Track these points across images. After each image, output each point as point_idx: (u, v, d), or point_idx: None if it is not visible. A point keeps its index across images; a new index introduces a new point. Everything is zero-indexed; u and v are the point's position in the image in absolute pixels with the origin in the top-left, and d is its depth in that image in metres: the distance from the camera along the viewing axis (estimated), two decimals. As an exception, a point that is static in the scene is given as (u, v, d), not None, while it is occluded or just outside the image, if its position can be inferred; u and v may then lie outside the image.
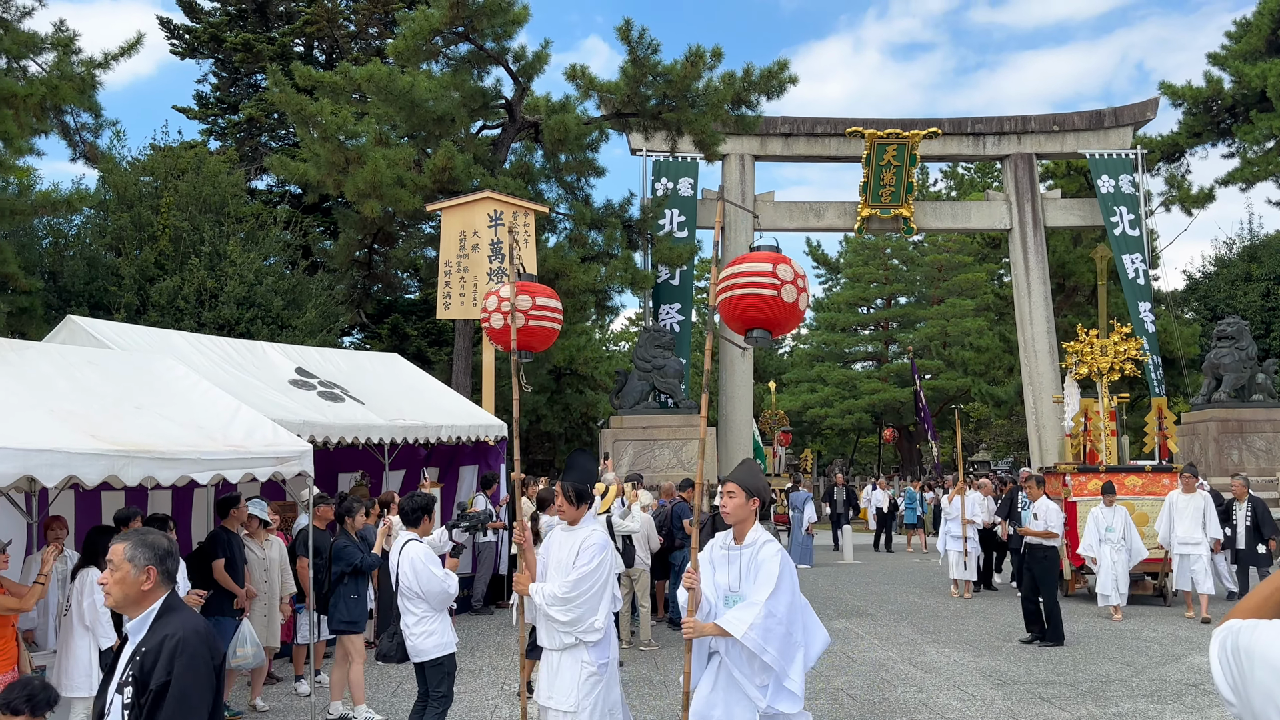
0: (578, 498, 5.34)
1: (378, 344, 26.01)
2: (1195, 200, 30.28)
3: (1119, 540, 12.66)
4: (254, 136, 29.74)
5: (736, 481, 4.85)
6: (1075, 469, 14.48)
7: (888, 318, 45.63)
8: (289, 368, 11.45)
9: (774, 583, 4.61)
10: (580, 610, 5.12)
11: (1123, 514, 12.79)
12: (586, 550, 5.21)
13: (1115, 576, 12.52)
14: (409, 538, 6.38)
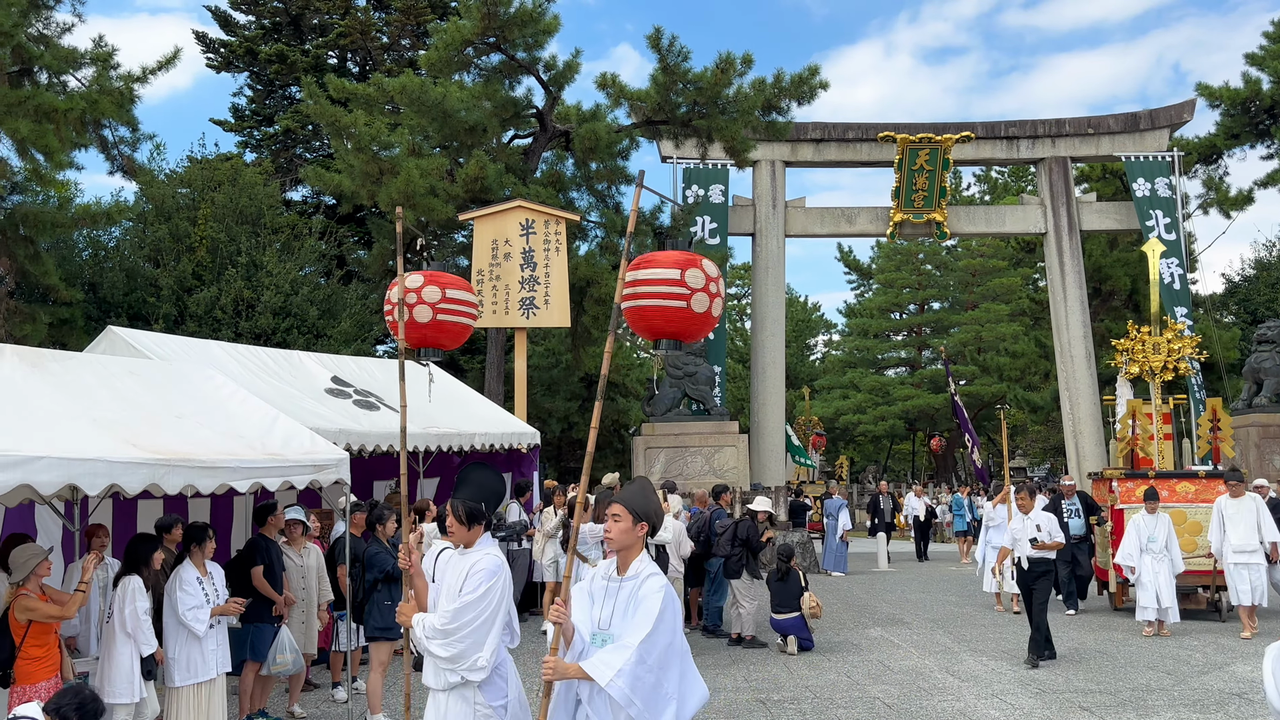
0: (469, 518, 4.71)
1: (411, 353, 26.18)
2: (1233, 202, 29.84)
3: (1161, 550, 11.94)
4: (289, 148, 30.10)
5: (623, 504, 4.29)
6: (1122, 474, 13.85)
7: (921, 323, 45.33)
8: (325, 377, 11.55)
9: (651, 623, 4.02)
10: (463, 645, 4.50)
11: (1166, 522, 12.10)
12: (474, 576, 4.60)
13: (1157, 589, 11.78)
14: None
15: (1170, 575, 11.83)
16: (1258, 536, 11.72)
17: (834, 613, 14.17)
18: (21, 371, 6.90)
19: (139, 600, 6.77)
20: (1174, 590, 11.84)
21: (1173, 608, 11.83)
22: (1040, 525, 10.38)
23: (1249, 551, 11.67)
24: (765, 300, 26.44)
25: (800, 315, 52.26)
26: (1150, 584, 11.87)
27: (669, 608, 4.10)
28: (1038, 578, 10.36)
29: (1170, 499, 13.06)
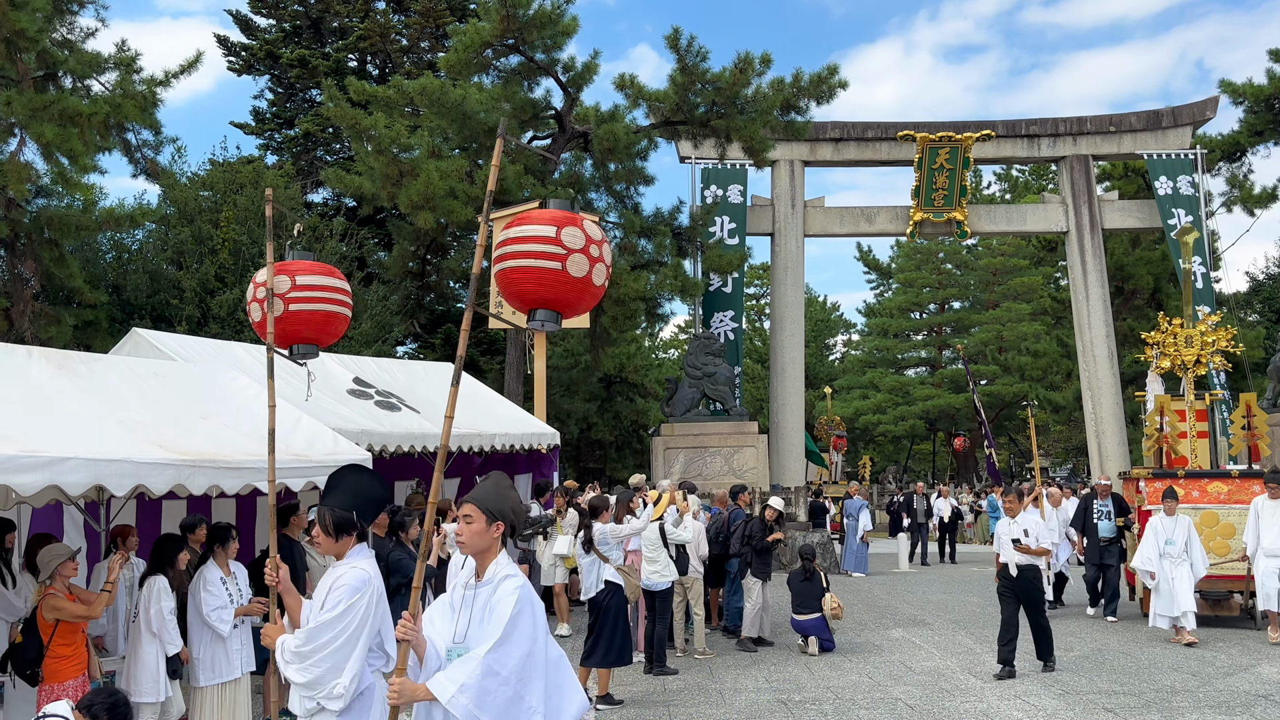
0: (337, 528, 4.20)
1: (431, 354, 26.31)
2: (1258, 200, 29.56)
3: (1180, 554, 11.44)
4: (310, 151, 30.29)
5: (475, 503, 3.84)
6: (1150, 474, 13.24)
7: (941, 323, 45.14)
8: (347, 378, 11.62)
9: (501, 630, 3.60)
10: (320, 669, 4.02)
11: (1185, 524, 11.61)
12: (335, 591, 4.10)
13: (1174, 595, 11.26)
14: None
15: (1189, 581, 11.35)
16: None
17: (855, 614, 14.13)
18: (48, 373, 6.97)
19: (164, 600, 6.83)
20: (1192, 595, 11.38)
21: (1189, 614, 11.30)
22: (1028, 529, 9.80)
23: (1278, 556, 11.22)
24: (784, 300, 26.39)
25: (819, 315, 52.13)
26: (1167, 590, 11.34)
27: (525, 612, 3.66)
28: (1026, 584, 9.79)
29: (1201, 499, 12.58)
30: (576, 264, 4.48)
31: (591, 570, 8.85)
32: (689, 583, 11.04)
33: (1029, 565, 9.75)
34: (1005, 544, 9.82)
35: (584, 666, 8.73)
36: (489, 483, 3.98)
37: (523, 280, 4.66)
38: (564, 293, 4.58)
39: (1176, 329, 14.47)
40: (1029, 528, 9.76)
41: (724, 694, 9.12)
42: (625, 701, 8.79)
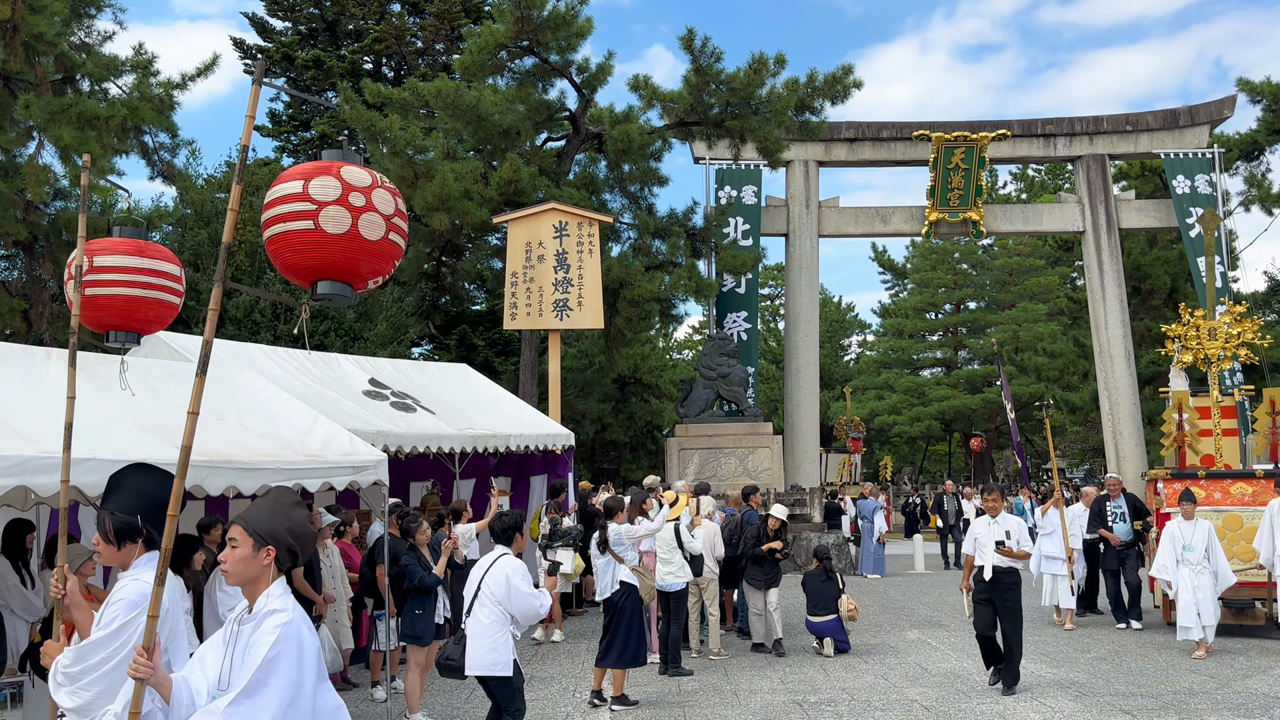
0: (119, 534, 3.77)
1: (446, 355, 26.37)
2: (1276, 200, 29.29)
3: (1199, 561, 10.74)
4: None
5: (242, 524, 3.29)
6: (1169, 474, 12.52)
7: (957, 323, 44.96)
8: (362, 379, 11.67)
9: (250, 677, 3.04)
10: (90, 693, 3.56)
11: (1205, 529, 10.87)
12: (112, 607, 3.68)
13: (1197, 604, 10.60)
14: (502, 552, 6.25)
15: (1212, 589, 10.68)
16: None
17: (871, 615, 14.09)
18: (67, 375, 7.02)
19: (180, 602, 6.86)
20: (1217, 606, 10.72)
21: (1212, 627, 10.68)
22: (1010, 531, 9.07)
23: None
24: (799, 301, 26.34)
25: (834, 316, 52.01)
26: (1190, 600, 10.64)
27: (286, 655, 3.08)
28: (1005, 590, 8.93)
29: (1224, 501, 11.93)
30: (332, 219, 3.67)
31: (606, 571, 8.86)
32: (704, 584, 11.03)
33: (1008, 570, 8.97)
34: (984, 546, 9.11)
35: (599, 667, 8.74)
36: (265, 500, 3.41)
37: (279, 250, 3.83)
38: (326, 255, 3.70)
39: (1199, 321, 13.50)
40: (1011, 529, 9.04)
41: (739, 695, 9.11)
42: (640, 702, 8.79)
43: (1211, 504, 11.94)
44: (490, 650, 6.03)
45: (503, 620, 6.07)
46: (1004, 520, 9.12)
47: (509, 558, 6.17)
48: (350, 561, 9.70)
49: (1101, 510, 13.22)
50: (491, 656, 6.04)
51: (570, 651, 11.51)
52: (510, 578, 6.04)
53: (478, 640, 6.04)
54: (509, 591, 6.00)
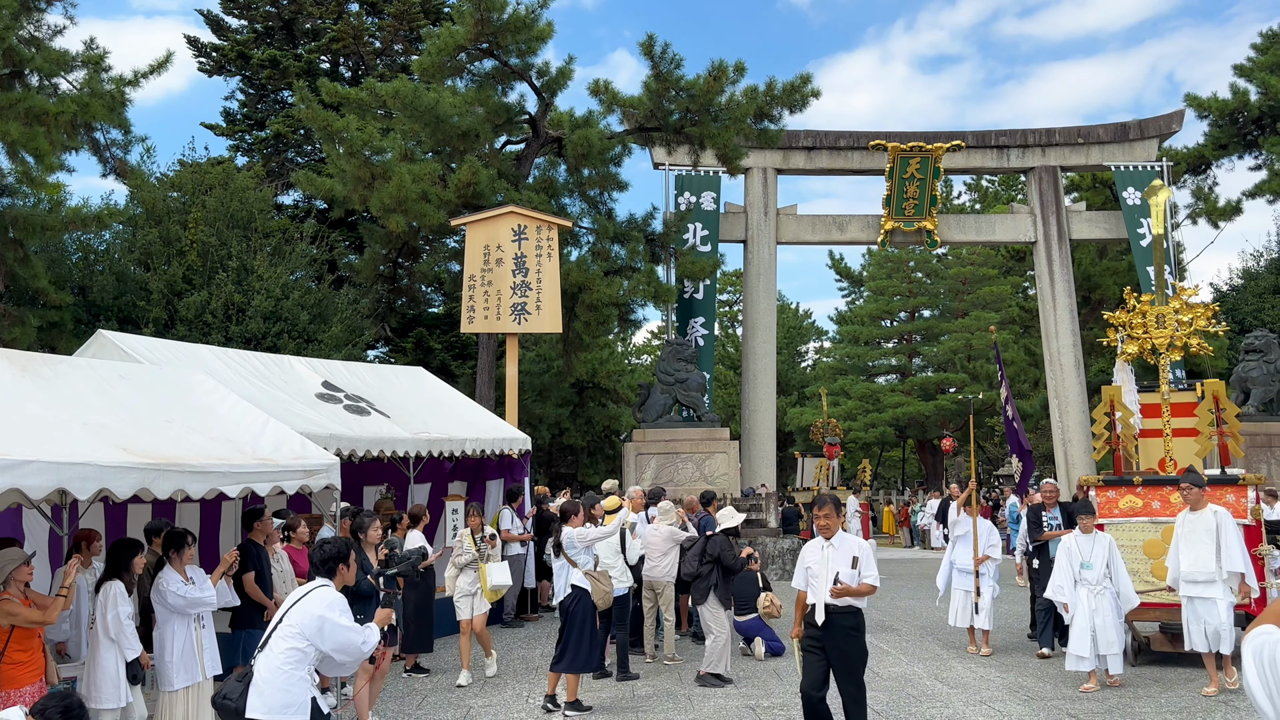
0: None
1: (402, 358, 26.18)
2: (1222, 213, 30.01)
3: (1099, 580, 9.35)
4: (281, 152, 30.08)
5: None
6: (1101, 481, 11.16)
7: (911, 331, 45.48)
8: (315, 381, 11.55)
9: None
10: None
11: (1105, 544, 9.50)
12: None
13: (1093, 630, 9.24)
14: (320, 584, 5.38)
15: (1114, 612, 9.32)
16: (1214, 562, 9.18)
17: (824, 619, 14.18)
18: (11, 375, 6.88)
19: (121, 605, 6.74)
20: (1120, 631, 9.41)
21: (1118, 655, 9.33)
22: (856, 558, 6.90)
23: (1203, 581, 9.21)
24: (757, 307, 26.49)
25: (792, 322, 52.36)
26: (1085, 625, 9.28)
27: None
28: (842, 638, 6.85)
29: (1163, 511, 10.66)
30: None
31: (561, 575, 8.85)
32: (660, 588, 11.04)
33: (847, 611, 6.84)
34: (817, 578, 6.94)
35: (553, 672, 8.71)
36: None
37: None
38: None
39: (1146, 307, 11.87)
40: (859, 554, 6.94)
41: (693, 700, 9.13)
42: (594, 708, 8.78)
43: (1149, 514, 10.76)
44: (282, 691, 5.08)
45: (301, 660, 5.15)
46: (842, 544, 7.00)
47: (326, 590, 5.29)
48: (299, 567, 9.59)
49: (1038, 520, 11.99)
50: (282, 699, 5.08)
51: (524, 657, 11.47)
52: (325, 613, 5.14)
53: (268, 681, 5.08)
54: (320, 628, 5.12)
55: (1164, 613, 10.42)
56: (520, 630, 13.35)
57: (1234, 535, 9.25)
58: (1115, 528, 10.64)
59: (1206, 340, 12.03)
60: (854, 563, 6.85)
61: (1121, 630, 9.46)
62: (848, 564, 6.85)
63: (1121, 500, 10.93)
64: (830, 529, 7.03)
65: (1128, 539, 10.64)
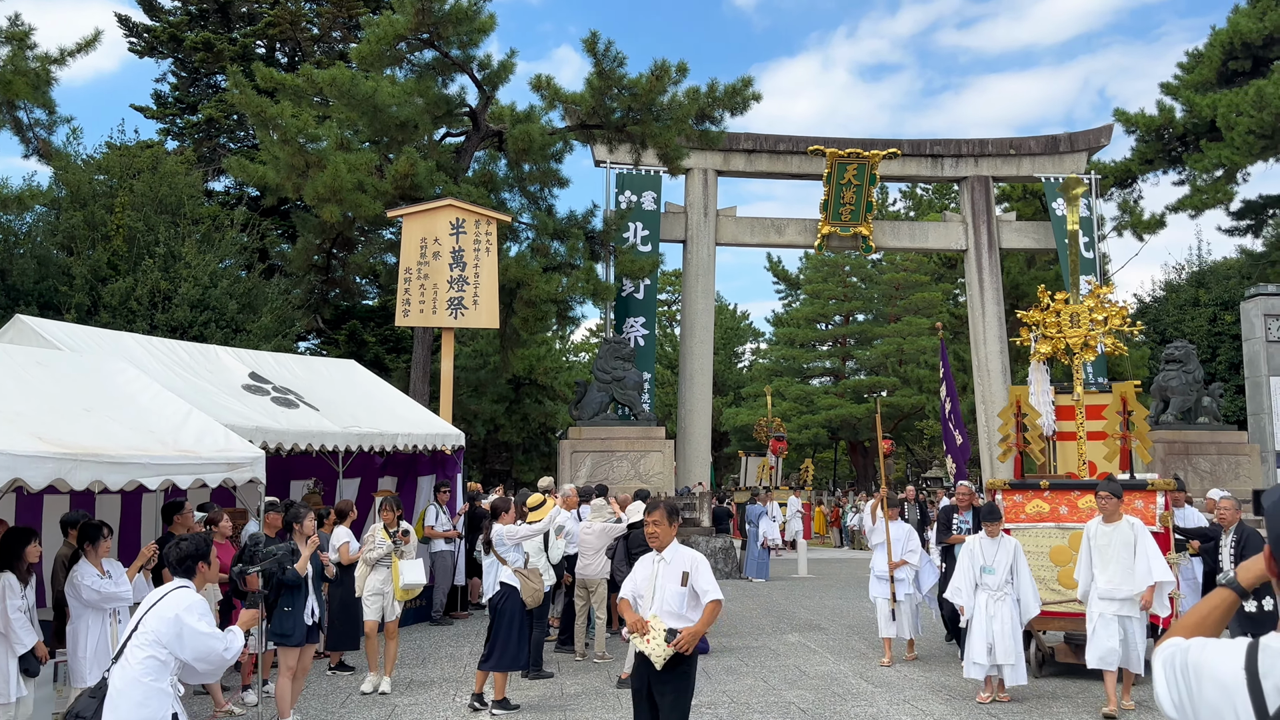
0: None
1: (334, 350, 25.77)
2: (1146, 226, 30.94)
3: (1001, 586, 8.82)
4: (212, 137, 29.40)
5: None
6: (1007, 485, 10.68)
7: (845, 334, 46.09)
8: (243, 372, 11.31)
9: None
10: None
11: (1010, 548, 8.96)
12: None
13: (990, 637, 8.71)
14: (178, 585, 4.95)
15: (1013, 620, 8.77)
16: (1133, 577, 8.46)
17: (753, 618, 14.31)
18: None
19: (9, 598, 6.50)
20: (1018, 640, 8.80)
21: (1018, 665, 8.73)
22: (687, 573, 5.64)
23: (1120, 598, 8.47)
24: (695, 307, 26.59)
25: (729, 323, 52.70)
26: (983, 631, 8.76)
27: None
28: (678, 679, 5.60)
29: (1070, 516, 10.16)
30: None
31: (491, 572, 8.79)
32: (593, 586, 11.02)
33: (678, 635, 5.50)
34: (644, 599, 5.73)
35: (480, 670, 8.64)
36: None
37: None
38: None
39: (1060, 305, 11.43)
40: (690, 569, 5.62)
41: (621, 698, 9.12)
42: (522, 706, 8.73)
43: (1056, 519, 10.27)
44: (140, 706, 4.64)
45: (161, 670, 4.73)
46: (675, 558, 5.72)
47: (185, 592, 4.88)
48: (220, 562, 9.37)
49: (948, 522, 11.72)
50: (139, 714, 4.64)
51: (452, 655, 11.36)
52: (182, 616, 4.72)
53: (124, 694, 4.64)
54: (179, 633, 4.70)
55: (1070, 622, 9.94)
56: (449, 628, 13.23)
57: (1154, 546, 8.62)
58: (1022, 533, 10.17)
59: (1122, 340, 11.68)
60: (683, 579, 5.64)
61: (1020, 641, 8.82)
62: (677, 581, 5.63)
63: (1028, 504, 10.45)
64: (660, 539, 5.76)
65: (1034, 545, 10.21)
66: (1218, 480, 22.38)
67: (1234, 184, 30.60)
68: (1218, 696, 1.88)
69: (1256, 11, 29.96)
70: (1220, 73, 30.63)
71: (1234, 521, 9.08)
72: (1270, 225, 32.23)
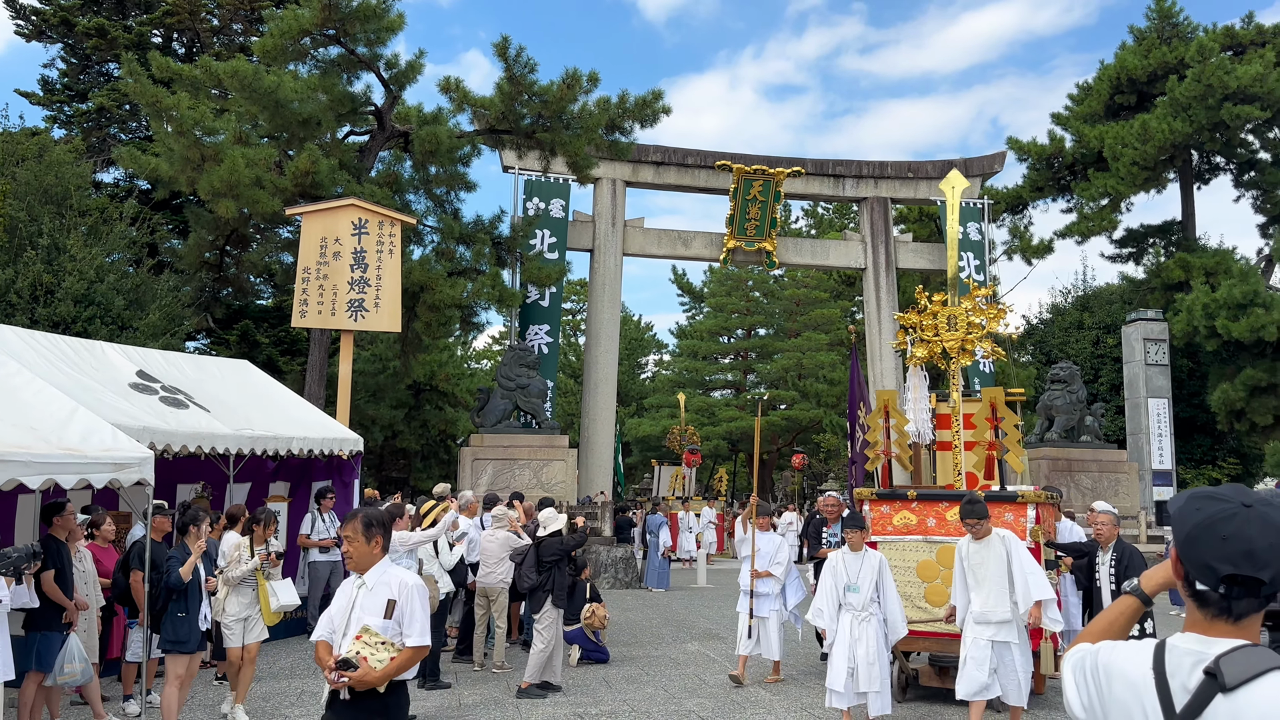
0: None
1: (225, 350, 24.94)
2: (1035, 250, 32.15)
3: (866, 605, 7.94)
4: (103, 127, 28.23)
5: None
6: (874, 494, 9.97)
7: (747, 348, 46.70)
8: (130, 370, 10.84)
9: None
10: None
11: (875, 563, 8.11)
12: None
13: (852, 661, 7.85)
14: None
15: (879, 642, 7.91)
16: (1008, 598, 7.60)
17: (653, 628, 14.32)
18: None
19: None
20: (884, 665, 7.95)
21: (882, 692, 7.83)
22: (394, 601, 4.55)
23: (996, 622, 7.63)
24: (600, 317, 26.59)
25: (634, 333, 52.89)
26: (844, 655, 7.89)
27: None
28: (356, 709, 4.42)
29: (938, 529, 9.40)
30: None
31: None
32: (494, 594, 10.87)
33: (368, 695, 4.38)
34: (337, 632, 4.58)
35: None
36: None
37: None
38: None
39: (937, 307, 10.71)
40: (398, 597, 4.52)
41: (520, 709, 9.01)
42: (418, 717, 8.54)
43: (924, 532, 9.54)
44: None
45: None
46: (379, 582, 4.58)
47: None
48: (103, 566, 8.96)
49: (818, 535, 11.24)
50: None
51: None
52: None
53: None
54: None
55: (937, 643, 9.13)
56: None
57: (1030, 560, 7.78)
58: (889, 546, 9.50)
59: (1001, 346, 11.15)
60: (389, 609, 4.48)
61: (886, 665, 7.97)
62: (380, 611, 4.48)
63: (896, 516, 9.66)
64: (356, 559, 4.59)
65: (901, 559, 9.48)
66: (1099, 496, 23.32)
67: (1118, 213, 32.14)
68: (1127, 696, 1.93)
69: (1142, 49, 31.52)
70: (1108, 105, 32.12)
71: (1112, 538, 8.64)
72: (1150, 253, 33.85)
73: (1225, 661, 1.80)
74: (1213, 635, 1.89)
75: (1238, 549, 1.84)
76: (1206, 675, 1.82)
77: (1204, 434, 29.51)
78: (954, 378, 10.64)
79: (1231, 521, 1.87)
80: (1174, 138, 28.15)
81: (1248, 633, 1.88)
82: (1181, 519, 1.95)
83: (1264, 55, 27.98)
